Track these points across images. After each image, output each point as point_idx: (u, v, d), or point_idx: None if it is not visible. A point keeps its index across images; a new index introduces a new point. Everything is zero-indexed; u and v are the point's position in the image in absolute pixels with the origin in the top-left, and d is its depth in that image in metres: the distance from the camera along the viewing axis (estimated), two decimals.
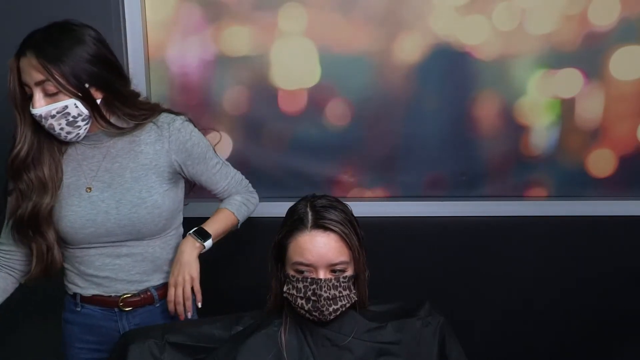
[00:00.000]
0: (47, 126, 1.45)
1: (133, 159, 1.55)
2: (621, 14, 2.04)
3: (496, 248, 2.18)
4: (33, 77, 1.41)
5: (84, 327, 1.64)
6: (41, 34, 1.44)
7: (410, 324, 1.43)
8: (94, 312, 1.62)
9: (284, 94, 2.12)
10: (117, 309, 1.61)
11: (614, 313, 2.21)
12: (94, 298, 1.61)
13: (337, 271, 1.33)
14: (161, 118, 1.58)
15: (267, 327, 1.39)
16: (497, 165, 2.17)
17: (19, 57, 1.44)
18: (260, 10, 2.06)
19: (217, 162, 1.68)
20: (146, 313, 1.63)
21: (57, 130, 1.46)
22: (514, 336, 2.23)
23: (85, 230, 1.54)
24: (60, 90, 1.42)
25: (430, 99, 2.11)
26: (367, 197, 2.20)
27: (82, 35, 1.46)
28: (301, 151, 2.16)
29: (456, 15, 2.05)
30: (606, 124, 2.13)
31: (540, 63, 2.08)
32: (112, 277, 1.59)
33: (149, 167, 1.56)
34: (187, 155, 1.59)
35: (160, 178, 1.57)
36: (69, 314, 1.66)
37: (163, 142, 1.56)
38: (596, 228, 2.16)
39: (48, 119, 1.44)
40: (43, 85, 1.42)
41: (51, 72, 1.40)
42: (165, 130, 1.57)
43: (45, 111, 1.43)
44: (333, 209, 1.36)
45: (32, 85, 1.42)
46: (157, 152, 1.56)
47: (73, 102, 1.44)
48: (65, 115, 1.44)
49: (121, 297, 1.60)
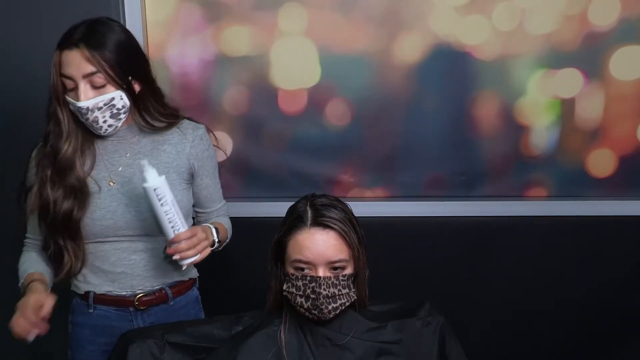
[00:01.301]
0: (91, 119, 1.46)
1: (156, 156, 1.57)
2: (621, 14, 2.04)
3: (496, 248, 2.18)
4: (82, 69, 1.42)
5: (95, 329, 1.63)
6: (87, 28, 1.46)
7: (410, 324, 1.42)
8: (107, 313, 1.62)
9: (284, 94, 2.12)
10: (133, 308, 1.61)
11: (614, 313, 2.21)
12: (108, 298, 1.61)
13: (337, 269, 1.33)
14: (184, 123, 1.62)
15: (267, 327, 1.39)
16: (497, 165, 2.17)
17: (62, 50, 1.44)
18: (260, 10, 2.06)
19: (219, 183, 1.71)
20: (161, 312, 1.63)
21: (100, 123, 1.47)
22: (514, 336, 2.23)
23: (105, 222, 1.54)
24: (109, 81, 1.44)
25: (430, 99, 2.11)
26: (367, 197, 2.20)
27: (119, 29, 1.50)
28: (301, 151, 2.16)
29: (456, 15, 2.05)
30: (606, 124, 2.13)
31: (540, 63, 2.08)
32: (128, 273, 1.59)
33: (170, 165, 1.58)
34: (201, 165, 1.63)
35: (179, 177, 1.60)
36: (79, 317, 1.65)
37: (185, 145, 1.60)
38: (596, 228, 2.16)
39: (94, 112, 1.45)
40: (91, 78, 1.43)
41: (102, 63, 1.42)
42: (189, 135, 1.61)
43: (93, 103, 1.44)
44: (333, 207, 1.36)
45: (79, 77, 1.43)
46: (179, 153, 1.59)
47: (119, 94, 1.47)
48: (110, 108, 1.46)
49: (137, 297, 1.60)
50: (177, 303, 1.65)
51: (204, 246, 1.52)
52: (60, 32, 1.46)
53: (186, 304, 1.69)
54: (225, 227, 1.72)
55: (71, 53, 1.43)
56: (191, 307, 1.71)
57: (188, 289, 1.69)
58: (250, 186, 2.20)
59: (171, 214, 1.45)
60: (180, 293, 1.66)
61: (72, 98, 1.45)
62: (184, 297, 1.68)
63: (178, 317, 1.64)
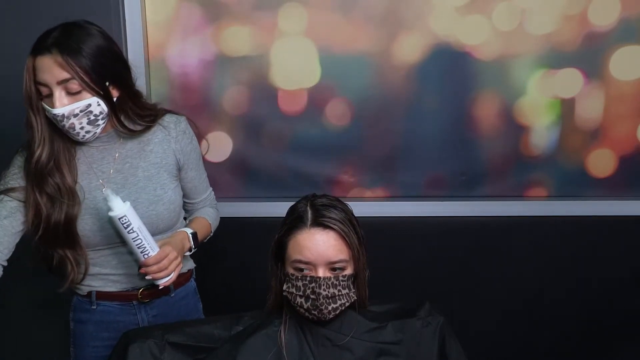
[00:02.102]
0: (67, 126, 1.42)
1: (144, 158, 1.56)
2: (621, 14, 2.04)
3: (496, 248, 2.18)
4: (56, 75, 1.38)
5: (99, 325, 1.63)
6: (61, 33, 1.41)
7: (410, 324, 1.42)
8: (110, 308, 1.62)
9: (284, 94, 2.12)
10: (136, 302, 1.62)
11: (614, 313, 2.21)
12: (112, 294, 1.61)
13: (337, 269, 1.33)
14: (166, 118, 1.60)
15: (267, 327, 1.39)
16: (497, 165, 2.17)
17: (35, 56, 1.40)
18: (260, 10, 2.06)
19: (204, 173, 1.72)
20: (163, 304, 1.65)
21: (77, 129, 1.43)
22: (514, 336, 2.23)
23: (104, 232, 1.54)
24: (84, 88, 1.40)
25: (430, 99, 2.11)
26: (367, 197, 2.20)
27: (97, 33, 1.45)
28: (301, 151, 2.16)
29: (456, 15, 2.05)
30: (606, 124, 2.13)
31: (540, 63, 2.08)
32: (130, 273, 1.60)
33: (159, 165, 1.58)
34: (187, 159, 1.63)
35: (170, 175, 1.60)
36: (82, 314, 1.65)
37: (170, 142, 1.59)
38: (596, 228, 2.16)
39: (70, 118, 1.41)
40: (66, 84, 1.38)
41: (76, 69, 1.38)
42: (172, 130, 1.59)
43: (68, 110, 1.40)
44: (333, 207, 1.36)
45: (54, 84, 1.38)
46: (165, 150, 1.59)
47: (96, 100, 1.42)
48: (87, 114, 1.42)
49: (140, 290, 1.61)
50: (178, 294, 1.67)
51: (176, 265, 1.52)
52: None
53: (186, 295, 1.71)
54: (207, 221, 1.71)
55: (44, 59, 1.38)
56: (190, 298, 1.73)
57: (187, 280, 1.72)
58: (250, 186, 2.20)
59: (139, 240, 1.46)
60: (180, 284, 1.68)
61: (48, 105, 1.41)
62: (183, 289, 1.70)
63: (179, 308, 1.67)
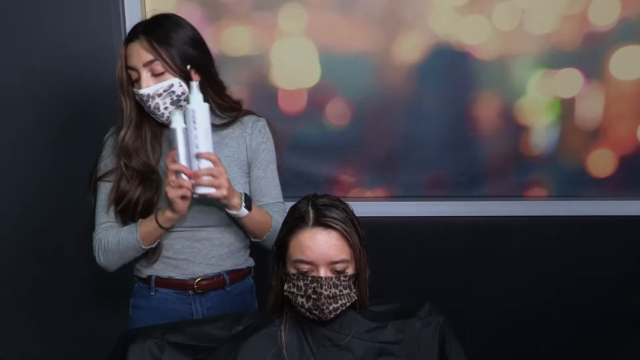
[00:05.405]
0: (152, 106, 1.53)
1: (219, 150, 1.59)
2: (621, 14, 2.04)
3: (496, 248, 2.18)
4: (142, 57, 1.51)
5: (155, 312, 1.66)
6: (149, 21, 1.56)
7: (410, 324, 1.42)
8: (167, 296, 1.66)
9: (284, 93, 2.12)
10: (192, 292, 1.65)
11: (614, 313, 2.21)
12: (170, 282, 1.64)
13: (338, 269, 1.33)
14: (246, 117, 1.68)
15: (267, 327, 1.39)
16: (497, 165, 2.17)
17: (127, 44, 1.54)
18: (260, 10, 2.06)
19: (274, 180, 1.70)
20: (217, 297, 1.67)
21: (161, 109, 1.53)
22: (514, 336, 2.23)
23: None
24: (167, 69, 1.51)
25: (430, 99, 2.11)
26: (367, 197, 2.20)
27: (183, 22, 1.58)
28: (301, 151, 2.16)
29: (456, 15, 2.05)
30: (606, 124, 2.13)
31: (540, 63, 2.08)
32: (190, 260, 1.64)
33: (232, 159, 1.63)
34: (255, 157, 1.66)
35: (240, 170, 1.64)
36: (140, 300, 1.70)
37: (245, 138, 1.65)
38: (596, 228, 2.16)
39: (155, 98, 1.52)
40: (151, 66, 1.51)
41: (159, 51, 1.50)
42: (248, 128, 1.66)
43: (153, 90, 1.51)
44: (334, 207, 1.36)
45: (140, 66, 1.51)
46: (240, 146, 1.65)
47: (178, 81, 1.53)
48: (170, 94, 1.53)
49: (196, 281, 1.64)
50: (234, 289, 1.69)
51: (224, 180, 1.50)
52: (61, 29, 1.47)
53: (242, 291, 1.72)
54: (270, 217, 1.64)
55: (133, 45, 1.52)
56: (247, 295, 1.74)
57: (244, 277, 1.72)
58: None
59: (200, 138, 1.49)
60: (237, 280, 1.69)
61: (137, 88, 1.53)
62: (240, 284, 1.71)
63: (234, 303, 1.68)
